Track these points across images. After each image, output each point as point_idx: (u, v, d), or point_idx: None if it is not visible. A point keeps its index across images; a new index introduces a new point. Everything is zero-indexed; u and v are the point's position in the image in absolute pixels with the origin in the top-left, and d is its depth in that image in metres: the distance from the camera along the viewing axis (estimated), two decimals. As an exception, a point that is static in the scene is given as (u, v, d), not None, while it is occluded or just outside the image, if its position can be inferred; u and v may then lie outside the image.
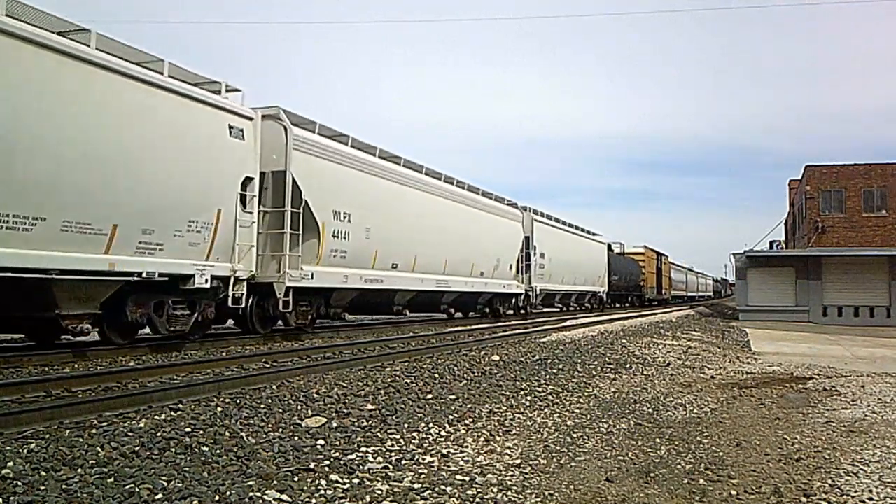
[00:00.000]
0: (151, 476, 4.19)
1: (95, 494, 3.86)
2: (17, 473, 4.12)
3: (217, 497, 3.91)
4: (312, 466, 4.61)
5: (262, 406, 6.33)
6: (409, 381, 8.20)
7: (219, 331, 13.74)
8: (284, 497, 4.02)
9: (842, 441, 6.24)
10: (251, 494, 3.98)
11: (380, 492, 4.22)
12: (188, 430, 5.24)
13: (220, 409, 6.05)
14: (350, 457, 4.92)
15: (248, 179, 12.07)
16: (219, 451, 4.81)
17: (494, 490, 4.36)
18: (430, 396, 7.44)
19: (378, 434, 5.67)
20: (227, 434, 5.24)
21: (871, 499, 4.54)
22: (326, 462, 4.75)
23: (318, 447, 5.13)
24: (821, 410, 7.89)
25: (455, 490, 4.31)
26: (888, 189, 34.38)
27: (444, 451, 5.27)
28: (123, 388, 7.35)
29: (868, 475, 5.10)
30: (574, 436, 6.06)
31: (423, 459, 5.02)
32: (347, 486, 4.29)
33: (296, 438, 5.33)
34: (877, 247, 32.60)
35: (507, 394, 7.92)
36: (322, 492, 4.17)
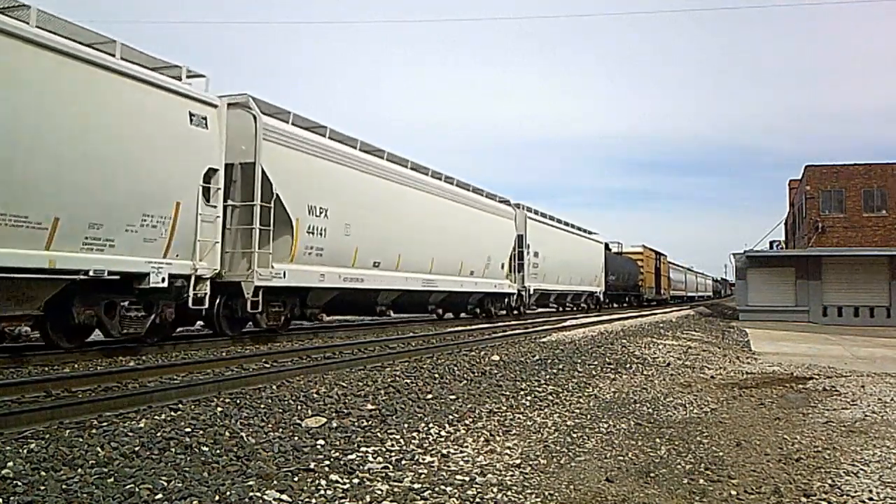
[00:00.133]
0: (151, 476, 4.19)
1: (95, 494, 3.86)
2: (17, 473, 4.12)
3: (217, 497, 3.91)
4: (312, 466, 4.61)
5: (262, 406, 6.33)
6: (409, 381, 8.20)
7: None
8: (284, 497, 4.02)
9: (842, 441, 6.24)
10: (251, 494, 3.98)
11: (380, 492, 4.22)
12: (188, 430, 5.25)
13: (220, 409, 6.05)
14: (350, 457, 4.93)
15: (212, 171, 11.29)
16: (219, 451, 4.81)
17: (494, 490, 4.37)
18: (430, 396, 7.44)
19: (378, 434, 5.67)
20: (227, 434, 5.24)
21: (871, 499, 4.54)
22: (326, 462, 4.76)
23: (318, 447, 5.13)
24: (821, 410, 7.89)
25: (455, 490, 4.31)
26: (888, 189, 34.40)
27: (444, 451, 5.27)
28: (123, 388, 7.36)
29: (868, 475, 5.10)
30: (574, 436, 6.06)
31: (423, 459, 5.02)
32: (347, 486, 4.30)
33: (296, 438, 5.33)
34: (877, 247, 32.61)
35: (507, 394, 7.92)
36: (322, 492, 4.17)
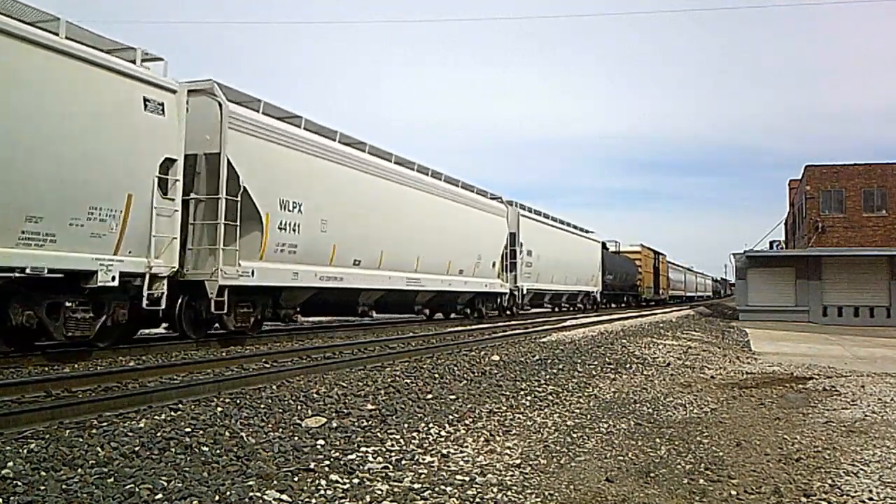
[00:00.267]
0: (151, 476, 4.19)
1: (95, 494, 3.86)
2: (17, 473, 4.12)
3: (217, 497, 3.91)
4: (312, 466, 4.61)
5: (262, 406, 6.33)
6: (409, 381, 8.20)
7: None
8: (284, 497, 4.02)
9: (842, 441, 6.24)
10: (251, 494, 3.98)
11: (380, 492, 4.22)
12: (188, 430, 5.25)
13: (220, 409, 6.05)
14: (350, 457, 4.93)
15: (170, 161, 10.46)
16: (219, 451, 4.81)
17: (494, 490, 4.37)
18: (430, 396, 7.44)
19: (378, 434, 5.67)
20: (227, 434, 5.24)
21: (871, 499, 4.54)
22: (326, 462, 4.76)
23: (318, 447, 5.13)
24: (821, 410, 7.89)
25: (455, 490, 4.31)
26: (888, 189, 34.41)
27: (444, 451, 5.27)
28: (123, 388, 7.36)
29: (868, 475, 5.10)
30: (574, 436, 6.06)
31: (423, 459, 5.02)
32: (347, 486, 4.30)
33: (296, 438, 5.33)
34: (877, 247, 32.61)
35: (507, 394, 7.92)
36: (322, 492, 4.17)
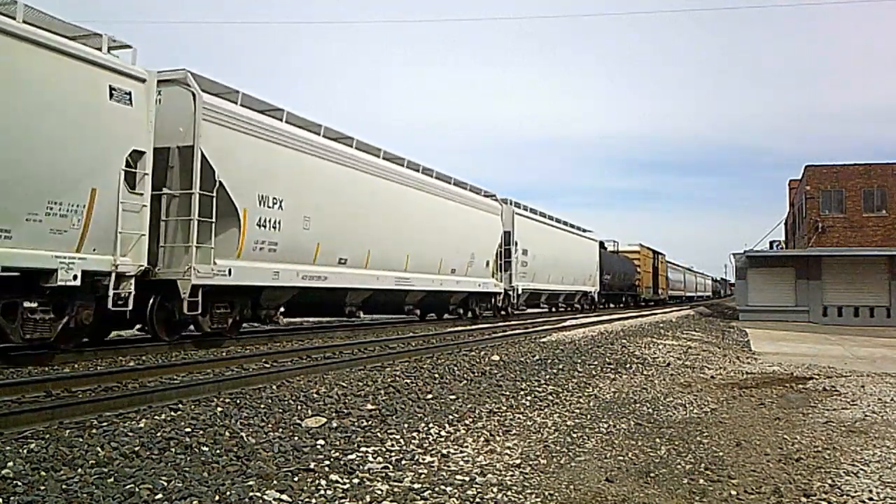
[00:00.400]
0: (151, 476, 4.19)
1: (95, 494, 3.86)
2: (17, 473, 4.12)
3: (217, 497, 3.91)
4: (312, 466, 4.61)
5: (262, 406, 6.33)
6: (409, 381, 8.20)
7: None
8: (284, 497, 4.02)
9: (842, 441, 6.24)
10: (251, 494, 3.98)
11: (380, 492, 4.22)
12: (188, 430, 5.25)
13: (220, 409, 6.05)
14: (350, 457, 4.93)
15: (138, 154, 9.93)
16: (219, 451, 4.81)
17: (494, 490, 4.37)
18: (430, 396, 7.44)
19: (378, 434, 5.67)
20: (227, 434, 5.24)
21: (871, 499, 4.54)
22: (326, 462, 4.76)
23: (318, 447, 5.13)
24: (821, 410, 7.89)
25: (455, 490, 4.31)
26: (888, 189, 34.41)
27: (444, 451, 5.27)
28: (123, 388, 7.36)
29: (868, 475, 5.10)
30: (574, 436, 6.06)
31: (423, 459, 5.02)
32: (347, 486, 4.30)
33: (296, 438, 5.33)
34: (877, 247, 32.63)
35: (507, 394, 7.92)
36: (322, 492, 4.17)
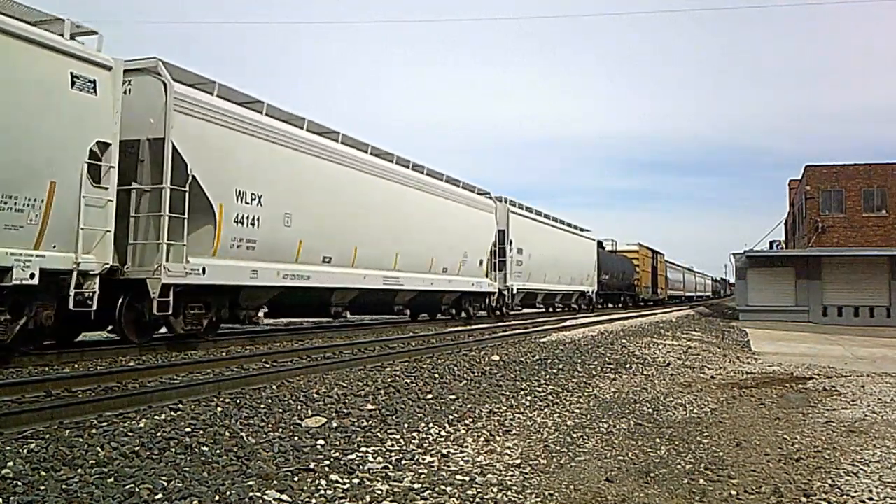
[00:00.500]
0: (151, 476, 4.19)
1: (95, 494, 3.86)
2: (17, 473, 4.12)
3: (217, 497, 3.91)
4: (312, 466, 4.61)
5: (262, 406, 6.33)
6: (409, 381, 8.20)
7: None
8: (284, 497, 4.02)
9: (842, 441, 6.24)
10: (251, 494, 3.98)
11: (380, 492, 4.22)
12: (188, 430, 5.24)
13: (220, 409, 6.04)
14: (350, 457, 4.93)
15: (103, 145, 9.40)
16: (219, 451, 4.81)
17: (494, 490, 4.37)
18: (430, 396, 7.44)
19: (378, 434, 5.67)
20: (227, 434, 5.24)
21: (871, 499, 4.54)
22: (326, 462, 4.76)
23: (318, 447, 5.13)
24: (821, 410, 7.89)
25: (455, 490, 4.31)
26: (888, 189, 34.43)
27: (444, 451, 5.27)
28: (123, 388, 7.36)
29: (868, 475, 5.10)
30: (574, 436, 6.06)
31: (423, 459, 5.02)
32: (347, 486, 4.30)
33: (296, 438, 5.33)
34: (877, 247, 32.63)
35: (507, 394, 7.92)
36: (322, 492, 4.17)
